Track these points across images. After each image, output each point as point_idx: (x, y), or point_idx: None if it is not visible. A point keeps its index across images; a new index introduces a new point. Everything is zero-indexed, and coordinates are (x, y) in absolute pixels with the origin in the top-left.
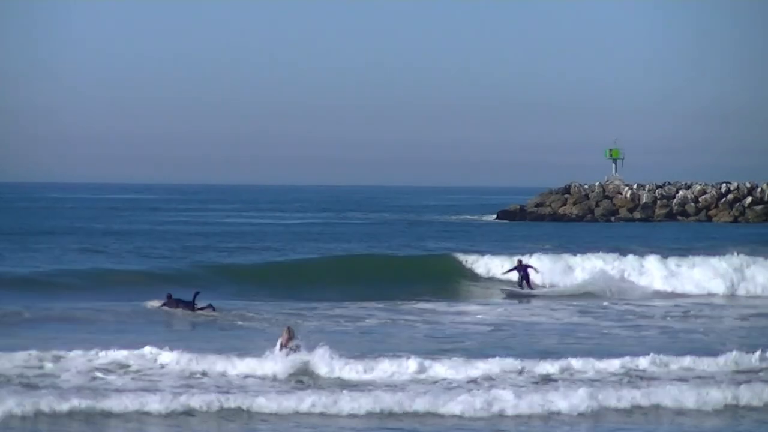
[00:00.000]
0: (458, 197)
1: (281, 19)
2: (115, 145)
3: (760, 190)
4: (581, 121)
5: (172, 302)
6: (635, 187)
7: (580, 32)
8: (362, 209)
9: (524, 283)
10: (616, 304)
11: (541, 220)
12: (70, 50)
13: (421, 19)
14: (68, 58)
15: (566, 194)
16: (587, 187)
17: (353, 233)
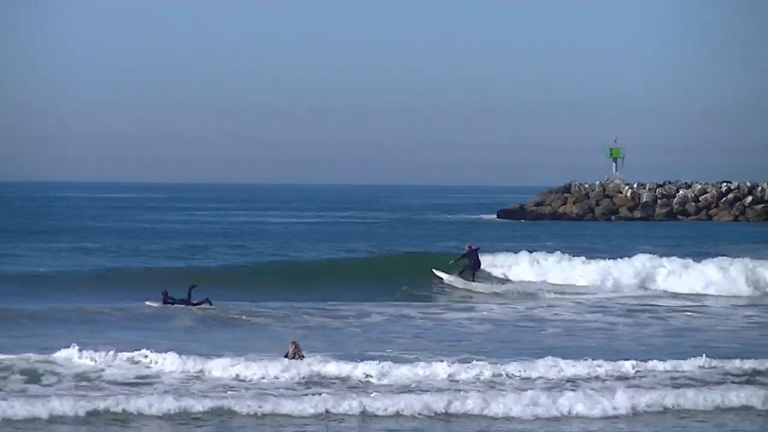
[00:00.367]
0: (458, 197)
1: (282, 18)
2: (115, 145)
3: (760, 189)
4: (581, 121)
5: (168, 300)
6: (635, 186)
7: (580, 32)
8: (362, 208)
9: (474, 273)
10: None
11: (541, 219)
12: (70, 50)
13: (421, 19)
14: (68, 58)
15: (566, 193)
16: (587, 186)
17: (353, 233)
